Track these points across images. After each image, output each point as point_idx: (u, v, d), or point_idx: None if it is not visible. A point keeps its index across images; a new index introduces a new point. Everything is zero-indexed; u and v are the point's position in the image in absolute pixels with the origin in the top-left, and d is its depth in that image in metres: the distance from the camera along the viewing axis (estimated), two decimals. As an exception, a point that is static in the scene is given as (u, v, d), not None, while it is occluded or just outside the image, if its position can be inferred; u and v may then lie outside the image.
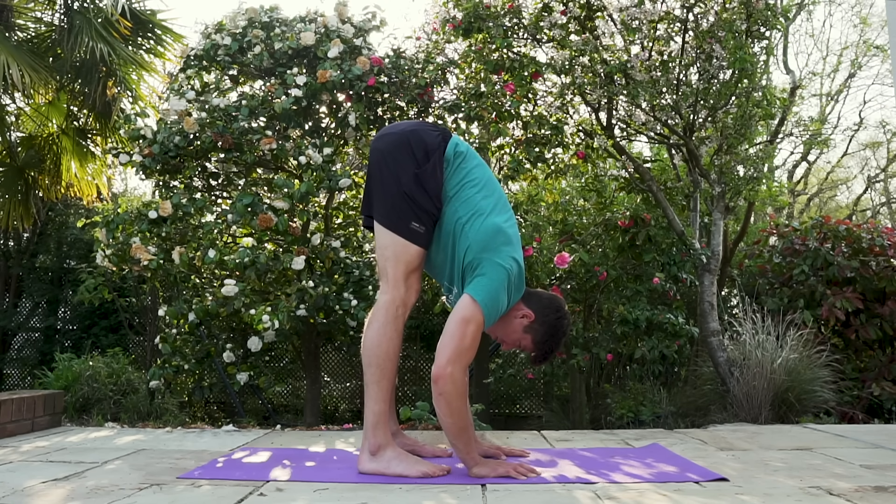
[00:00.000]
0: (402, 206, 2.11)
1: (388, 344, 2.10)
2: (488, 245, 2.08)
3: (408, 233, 2.11)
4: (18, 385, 7.06)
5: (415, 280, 2.16)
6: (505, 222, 2.15)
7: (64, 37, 5.15)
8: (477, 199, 2.13)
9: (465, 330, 2.01)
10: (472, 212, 2.11)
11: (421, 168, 2.11)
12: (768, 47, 4.97)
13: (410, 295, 2.15)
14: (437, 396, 1.99)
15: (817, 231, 4.97)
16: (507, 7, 4.76)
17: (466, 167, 2.17)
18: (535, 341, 2.20)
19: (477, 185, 2.15)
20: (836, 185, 15.44)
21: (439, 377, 1.98)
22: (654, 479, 2.06)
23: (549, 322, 2.18)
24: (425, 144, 2.14)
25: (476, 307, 2.03)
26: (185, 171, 4.49)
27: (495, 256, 2.08)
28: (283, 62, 4.60)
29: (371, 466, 2.09)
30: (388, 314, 2.11)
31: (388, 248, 2.13)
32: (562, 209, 5.50)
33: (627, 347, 4.64)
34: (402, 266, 2.12)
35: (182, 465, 2.32)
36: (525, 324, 2.19)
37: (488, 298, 2.04)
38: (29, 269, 7.23)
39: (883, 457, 2.44)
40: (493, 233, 2.09)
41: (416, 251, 2.13)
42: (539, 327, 2.18)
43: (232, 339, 4.41)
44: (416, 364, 6.56)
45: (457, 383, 1.99)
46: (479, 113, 4.55)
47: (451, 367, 1.98)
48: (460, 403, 2.01)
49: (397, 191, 2.11)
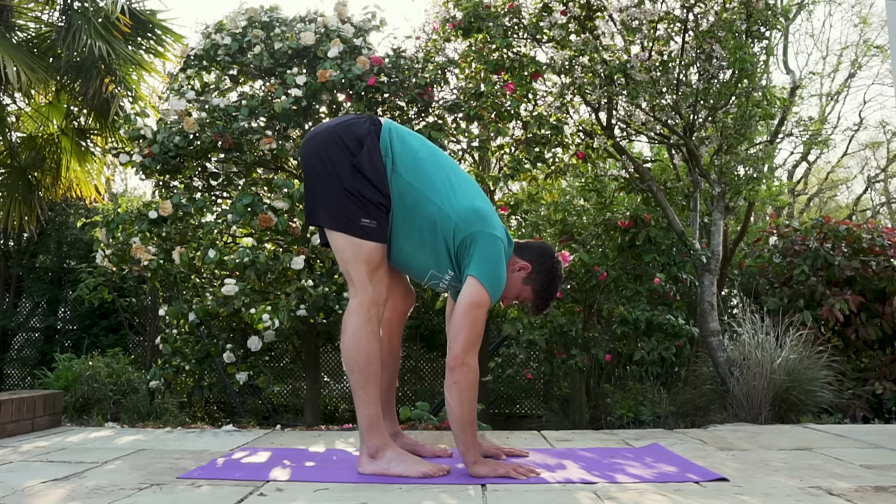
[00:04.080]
0: (347, 204, 2.05)
1: (366, 347, 2.06)
2: (472, 220, 2.06)
3: (359, 230, 2.05)
4: (18, 385, 7.06)
5: (382, 276, 2.11)
6: (477, 195, 2.15)
7: (63, 36, 5.14)
8: (441, 179, 2.10)
9: (476, 315, 2.02)
10: (443, 192, 2.08)
11: (357, 157, 2.05)
12: (768, 47, 4.97)
13: (380, 292, 2.10)
14: (450, 385, 1.99)
15: (817, 231, 4.96)
16: (507, 7, 4.76)
17: (409, 145, 2.13)
18: (535, 290, 2.21)
19: (434, 163, 2.13)
20: (836, 185, 15.42)
21: (455, 367, 1.98)
22: (654, 479, 2.06)
23: (546, 269, 2.20)
24: (355, 134, 2.08)
25: (481, 289, 2.03)
26: (185, 171, 4.49)
27: (486, 227, 2.07)
28: (283, 62, 4.61)
29: (371, 468, 2.09)
30: (360, 317, 2.06)
31: (346, 251, 2.08)
32: (562, 209, 5.50)
33: (627, 348, 4.64)
34: (363, 266, 2.07)
35: (182, 465, 2.32)
36: (524, 276, 2.19)
37: (490, 275, 2.05)
38: (29, 269, 7.23)
39: (883, 457, 2.44)
40: (471, 210, 2.08)
41: (374, 247, 2.07)
42: (537, 276, 2.20)
43: (232, 338, 4.41)
44: (416, 364, 6.55)
45: (471, 373, 2.00)
46: (479, 113, 4.55)
47: (466, 356, 1.99)
48: (472, 394, 2.02)
49: (339, 189, 2.05)
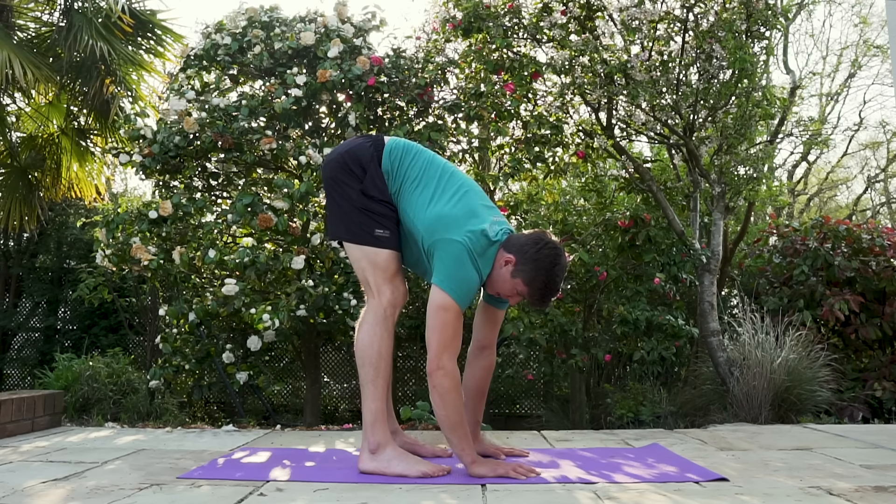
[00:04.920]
0: (361, 219, 2.20)
1: (379, 343, 2.15)
2: (435, 230, 2.12)
3: (374, 240, 2.19)
4: (18, 385, 7.05)
5: (398, 282, 2.22)
6: (447, 203, 2.15)
7: (63, 36, 5.14)
8: (416, 195, 2.19)
9: (444, 319, 2.06)
10: (415, 208, 2.18)
11: (363, 183, 2.20)
12: (768, 47, 4.97)
13: (397, 296, 2.20)
14: (431, 390, 2.05)
15: (817, 231, 4.96)
16: (507, 7, 4.76)
17: (404, 167, 2.23)
18: (526, 282, 2.09)
19: (414, 180, 2.21)
20: (836, 185, 15.41)
21: (432, 372, 2.04)
22: (655, 480, 2.06)
23: (530, 257, 2.07)
24: (359, 160, 2.21)
25: (443, 293, 2.06)
26: (185, 171, 4.49)
27: (446, 234, 2.10)
28: (283, 62, 4.60)
29: (371, 466, 2.10)
30: (376, 315, 2.18)
31: (362, 260, 2.21)
32: (562, 209, 5.50)
33: (627, 348, 4.64)
34: (380, 272, 2.19)
35: (182, 465, 2.32)
36: (511, 269, 2.10)
37: (450, 279, 2.07)
38: (29, 269, 7.22)
39: (883, 457, 2.44)
40: (433, 219, 2.13)
41: (388, 254, 2.20)
42: (524, 266, 2.08)
43: (232, 338, 4.41)
44: (416, 364, 6.55)
45: (449, 376, 2.03)
46: (479, 113, 4.55)
47: (440, 360, 2.03)
48: (454, 396, 2.04)
49: (352, 208, 2.21)
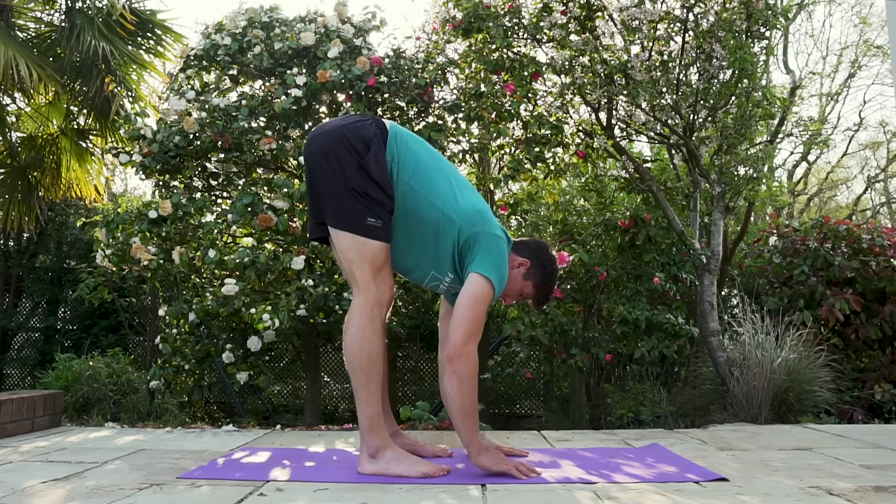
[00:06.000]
0: (353, 204, 2.06)
1: (368, 347, 2.07)
2: (475, 222, 2.12)
3: (365, 230, 2.06)
4: (18, 385, 7.06)
5: (386, 276, 2.12)
6: (476, 197, 2.22)
7: (64, 36, 5.14)
8: (444, 183, 2.15)
9: (478, 309, 2.06)
10: (445, 196, 2.13)
11: (364, 159, 2.07)
12: (768, 47, 4.97)
13: (384, 292, 2.11)
14: (450, 375, 2.01)
15: (817, 231, 4.96)
16: (507, 7, 4.76)
17: (411, 151, 2.16)
18: (535, 285, 2.28)
19: (430, 167, 2.16)
20: (836, 185, 15.41)
21: (455, 356, 2.00)
22: (655, 480, 2.06)
23: (543, 263, 2.28)
24: (362, 136, 2.10)
25: (486, 283, 2.07)
26: (185, 171, 4.49)
27: (488, 228, 2.12)
28: (283, 62, 4.61)
29: (371, 468, 2.10)
30: (363, 316, 2.08)
31: (350, 250, 2.08)
32: (562, 209, 5.49)
33: (627, 347, 4.64)
34: (368, 265, 2.08)
35: (182, 465, 2.32)
36: (523, 272, 2.27)
37: (496, 270, 2.10)
38: (29, 269, 7.23)
39: (883, 457, 2.44)
40: (473, 211, 2.14)
41: (379, 246, 2.09)
42: (536, 270, 2.27)
43: (232, 339, 4.41)
44: (416, 364, 6.55)
45: (471, 363, 2.02)
46: (479, 113, 4.55)
47: (465, 346, 2.02)
48: (471, 385, 2.03)
49: (346, 189, 2.06)
